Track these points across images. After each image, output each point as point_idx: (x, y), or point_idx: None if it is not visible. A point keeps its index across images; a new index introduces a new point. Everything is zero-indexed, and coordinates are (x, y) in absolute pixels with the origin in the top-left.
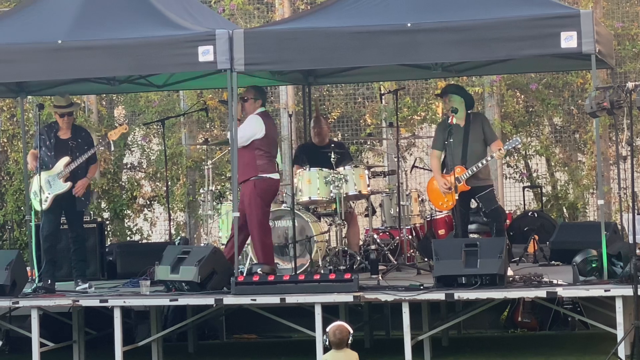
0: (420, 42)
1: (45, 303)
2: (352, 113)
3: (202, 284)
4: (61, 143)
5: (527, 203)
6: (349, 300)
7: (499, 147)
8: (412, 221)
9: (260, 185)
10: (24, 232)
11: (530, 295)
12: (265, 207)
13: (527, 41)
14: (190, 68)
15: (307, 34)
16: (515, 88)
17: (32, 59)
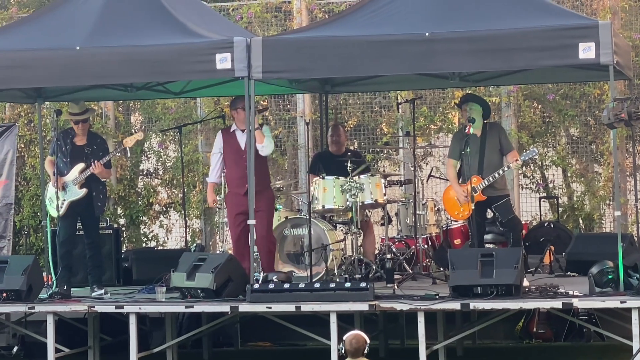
0: (438, 51)
1: (61, 308)
2: (368, 122)
3: (217, 291)
4: (77, 149)
5: (543, 214)
6: (364, 309)
7: (516, 158)
8: (428, 230)
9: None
10: (40, 237)
11: (545, 306)
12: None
13: (545, 51)
14: (207, 75)
15: (325, 43)
16: (533, 98)
17: (50, 65)
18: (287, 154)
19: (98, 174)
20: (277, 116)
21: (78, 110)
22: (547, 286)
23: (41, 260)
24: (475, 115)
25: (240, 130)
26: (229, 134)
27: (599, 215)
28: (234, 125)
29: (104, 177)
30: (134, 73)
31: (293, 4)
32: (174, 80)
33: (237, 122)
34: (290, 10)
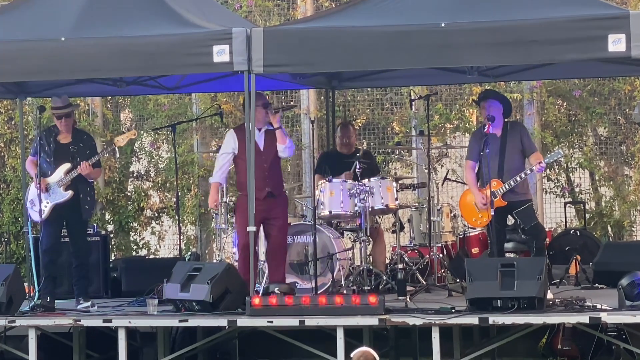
0: (455, 43)
1: (44, 322)
2: (379, 120)
3: (214, 303)
4: (61, 148)
5: (568, 220)
6: (373, 323)
7: (539, 160)
8: (444, 238)
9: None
10: (21, 245)
11: (571, 321)
12: None
13: (571, 44)
14: (203, 69)
15: (332, 34)
16: (557, 95)
17: (32, 58)
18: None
19: (86, 175)
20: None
21: (60, 104)
22: (573, 299)
23: (22, 270)
24: (495, 114)
25: (257, 129)
26: (244, 133)
27: (629, 222)
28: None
29: (92, 178)
30: (124, 66)
31: None
32: (167, 74)
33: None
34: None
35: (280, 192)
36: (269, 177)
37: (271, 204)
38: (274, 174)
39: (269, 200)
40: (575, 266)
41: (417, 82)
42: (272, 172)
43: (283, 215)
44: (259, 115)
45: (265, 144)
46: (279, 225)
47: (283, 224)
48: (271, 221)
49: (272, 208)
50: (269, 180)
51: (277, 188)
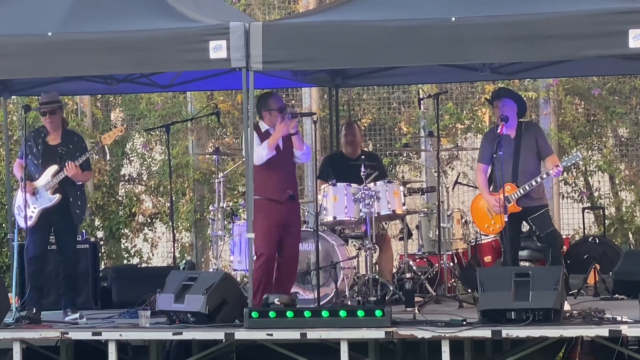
0: (466, 39)
1: (29, 335)
2: (385, 120)
3: (210, 315)
4: (50, 150)
5: (587, 227)
6: (380, 336)
7: (556, 164)
8: (454, 246)
9: None
10: (5, 253)
11: (589, 334)
12: None
13: (589, 39)
14: (199, 66)
15: (336, 29)
16: (575, 94)
17: (17, 54)
18: None
19: (73, 177)
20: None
21: (46, 100)
22: (592, 311)
23: (7, 279)
24: (508, 113)
25: (274, 130)
26: (263, 134)
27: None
28: (262, 125)
29: (80, 181)
30: (114, 63)
31: None
32: (160, 71)
33: (267, 122)
34: None
35: (297, 196)
36: (289, 180)
37: (291, 209)
38: (292, 176)
39: (290, 205)
40: (594, 276)
41: (426, 80)
42: (291, 174)
43: (299, 222)
44: (273, 118)
45: (284, 145)
46: (295, 233)
47: (298, 231)
48: (289, 228)
49: (292, 213)
50: (290, 182)
51: (296, 192)
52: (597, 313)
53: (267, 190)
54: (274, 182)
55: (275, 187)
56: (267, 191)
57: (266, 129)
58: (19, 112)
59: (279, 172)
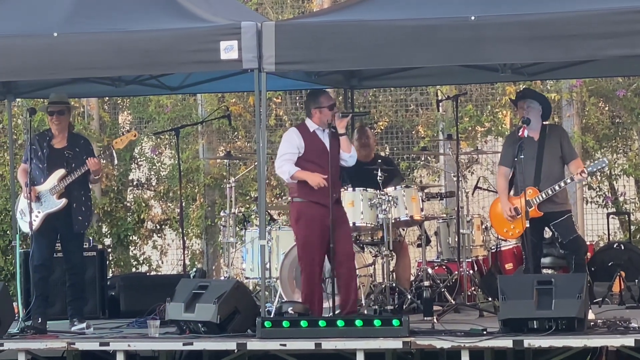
0: (486, 38)
1: (35, 346)
2: (403, 123)
3: (221, 325)
4: (55, 153)
5: (611, 233)
6: (397, 346)
7: (581, 169)
8: (474, 253)
9: None
10: (9, 260)
11: (614, 344)
12: None
13: (613, 39)
14: (210, 67)
15: (351, 28)
16: (599, 95)
17: (21, 55)
18: None
19: (94, 172)
20: (294, 115)
21: (55, 99)
22: (617, 320)
23: (11, 288)
24: (532, 115)
25: (321, 129)
26: (310, 133)
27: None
28: (310, 124)
29: (97, 176)
30: (122, 64)
31: None
32: (169, 72)
33: (315, 121)
34: None
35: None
36: (336, 182)
37: (338, 211)
38: (337, 177)
39: (336, 208)
40: (619, 283)
41: (445, 81)
42: (336, 177)
43: (347, 225)
44: (324, 117)
45: (331, 145)
46: (346, 233)
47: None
48: (337, 231)
49: (340, 215)
50: (337, 186)
51: (339, 194)
52: (622, 322)
53: (309, 193)
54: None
55: (319, 189)
56: (308, 194)
57: (314, 129)
58: (24, 115)
59: (325, 173)
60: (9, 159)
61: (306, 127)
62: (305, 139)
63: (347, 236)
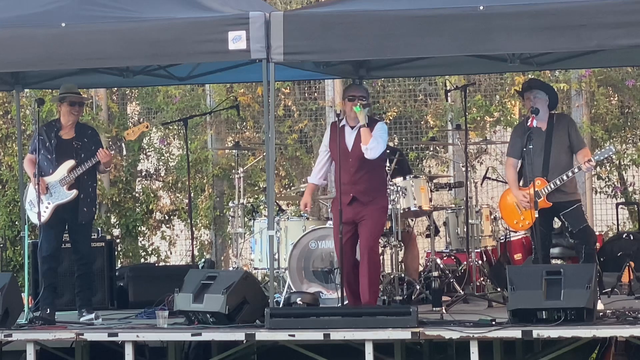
0: (495, 28)
1: (43, 336)
2: (411, 113)
3: (230, 315)
4: (64, 144)
5: (621, 223)
6: (406, 337)
7: (588, 157)
8: (483, 243)
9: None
10: (18, 251)
11: (624, 334)
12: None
13: (623, 28)
14: (218, 57)
15: (360, 18)
16: (608, 85)
17: (30, 46)
18: (314, 151)
19: (105, 163)
20: (302, 106)
21: (76, 90)
22: (626, 310)
23: (20, 279)
24: (539, 105)
25: (350, 126)
26: (337, 129)
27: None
28: (343, 120)
29: (107, 168)
30: (130, 54)
31: None
32: (178, 62)
33: (347, 117)
34: None
35: (371, 198)
36: (355, 183)
37: (358, 207)
38: (363, 179)
39: (356, 204)
40: (629, 273)
41: (454, 71)
42: (360, 177)
43: (373, 216)
44: (346, 108)
45: (355, 145)
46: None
47: (372, 226)
48: (361, 223)
49: (361, 210)
50: (356, 186)
51: (367, 194)
52: (631, 312)
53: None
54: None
55: (339, 188)
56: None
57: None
58: (32, 105)
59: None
60: (17, 149)
61: (339, 122)
62: (331, 136)
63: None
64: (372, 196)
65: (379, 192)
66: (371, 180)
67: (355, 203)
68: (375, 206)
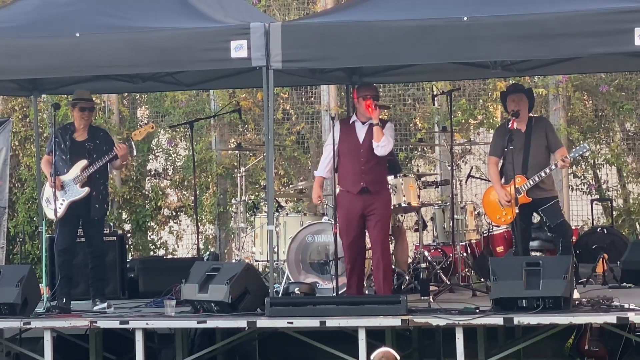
0: (478, 37)
1: (60, 324)
2: (401, 116)
3: (233, 304)
4: (77, 145)
5: (595, 218)
6: (396, 324)
7: (564, 155)
8: (467, 237)
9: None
10: (36, 245)
11: (598, 321)
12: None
13: (596, 38)
14: (221, 65)
15: (353, 28)
16: (584, 90)
17: (47, 54)
18: (311, 151)
19: (122, 157)
20: (300, 110)
21: (87, 96)
22: (600, 298)
23: (37, 271)
24: (522, 108)
25: (361, 122)
26: (348, 125)
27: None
28: (354, 116)
29: (124, 162)
30: (140, 62)
31: None
32: (183, 70)
33: (358, 113)
34: None
35: (378, 188)
36: (365, 173)
37: (367, 200)
38: (372, 169)
39: (365, 197)
40: (603, 265)
41: (440, 77)
42: (370, 168)
43: (381, 211)
44: (361, 108)
45: (365, 139)
46: (375, 222)
47: (381, 220)
48: (369, 218)
49: (370, 204)
50: (365, 176)
51: (375, 184)
52: (605, 301)
53: (344, 182)
54: (348, 175)
55: (349, 179)
56: (343, 183)
57: (353, 121)
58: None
59: (355, 165)
60: (35, 150)
61: (348, 119)
62: (342, 131)
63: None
64: (379, 187)
65: (384, 185)
66: (378, 172)
67: (364, 194)
68: (382, 200)
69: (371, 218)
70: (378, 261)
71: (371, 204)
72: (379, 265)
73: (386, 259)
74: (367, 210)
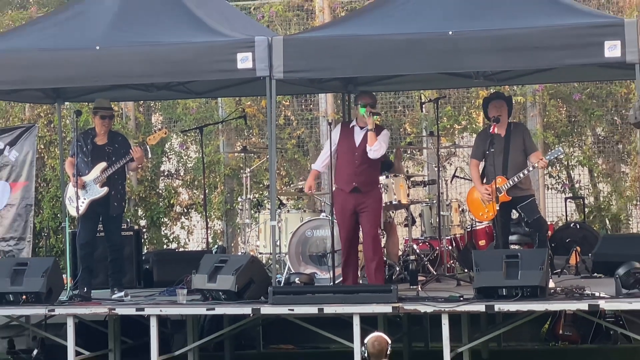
0: (462, 50)
1: (81, 311)
2: (392, 122)
3: (239, 293)
4: (98, 149)
5: (569, 214)
6: (387, 311)
7: (540, 158)
8: (452, 231)
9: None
10: (60, 239)
11: (571, 308)
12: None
13: (570, 50)
14: (228, 75)
15: (347, 42)
16: (558, 98)
17: (69, 65)
18: (310, 154)
19: (137, 159)
20: (300, 116)
21: (107, 105)
22: (573, 288)
23: (61, 263)
24: (502, 113)
25: (359, 127)
26: (348, 129)
27: (626, 215)
28: (354, 121)
29: (140, 164)
30: (154, 73)
31: (315, 2)
32: (194, 79)
33: (357, 119)
34: (313, 9)
35: (369, 188)
36: (357, 174)
37: (359, 198)
38: (365, 171)
39: (357, 195)
40: (576, 257)
41: (428, 86)
42: (363, 169)
43: (372, 208)
44: (359, 114)
45: (361, 143)
46: (367, 218)
47: (373, 216)
48: (361, 214)
49: (362, 202)
50: (358, 177)
51: (366, 185)
52: (578, 290)
53: (339, 180)
54: (343, 174)
55: (344, 178)
56: (339, 181)
57: (353, 125)
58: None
59: (350, 166)
60: (59, 153)
61: (349, 123)
62: (342, 134)
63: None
64: (370, 187)
65: (375, 186)
66: (370, 173)
67: (356, 193)
68: (373, 198)
69: (363, 215)
70: (371, 254)
71: (363, 201)
72: (372, 257)
73: (378, 253)
74: (359, 207)
